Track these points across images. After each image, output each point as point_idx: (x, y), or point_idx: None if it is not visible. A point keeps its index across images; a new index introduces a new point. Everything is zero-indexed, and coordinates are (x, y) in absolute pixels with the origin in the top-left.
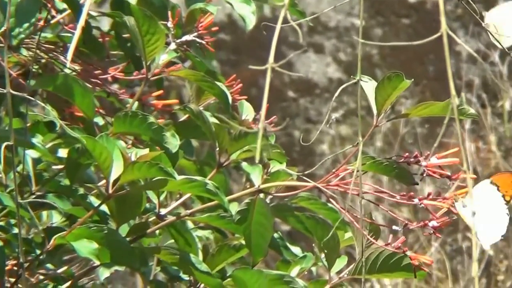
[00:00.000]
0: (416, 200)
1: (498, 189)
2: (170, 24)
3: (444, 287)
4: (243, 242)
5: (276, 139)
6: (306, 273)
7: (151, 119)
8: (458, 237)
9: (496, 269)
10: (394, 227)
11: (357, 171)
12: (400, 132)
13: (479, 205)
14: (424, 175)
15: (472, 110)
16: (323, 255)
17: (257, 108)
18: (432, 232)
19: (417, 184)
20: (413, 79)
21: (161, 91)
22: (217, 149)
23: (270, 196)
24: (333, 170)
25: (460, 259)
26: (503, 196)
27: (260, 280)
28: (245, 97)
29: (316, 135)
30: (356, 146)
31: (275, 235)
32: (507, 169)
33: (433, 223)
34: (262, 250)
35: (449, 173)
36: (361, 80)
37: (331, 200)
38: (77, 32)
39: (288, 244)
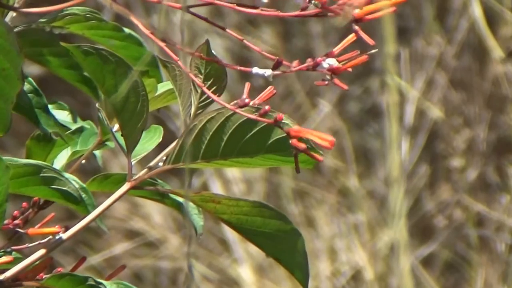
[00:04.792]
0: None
1: None
2: None
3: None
4: None
5: None
6: (83, 161)
7: None
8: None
9: None
10: (255, 71)
11: None
12: None
13: None
14: None
15: None
16: (116, 126)
17: None
18: (329, 78)
19: None
20: None
21: None
22: None
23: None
24: None
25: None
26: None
27: None
28: None
29: None
30: None
31: (27, 86)
32: None
33: (330, 61)
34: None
35: None
36: None
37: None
38: None
39: (46, 103)
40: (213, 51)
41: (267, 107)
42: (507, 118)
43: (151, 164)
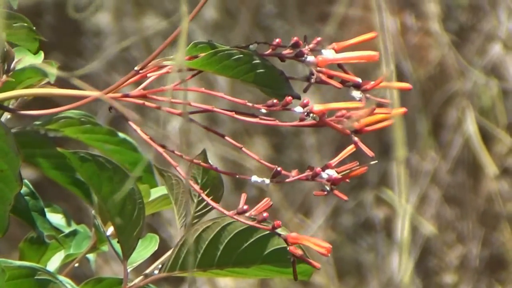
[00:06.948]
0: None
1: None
2: None
3: None
4: None
5: None
6: (76, 265)
7: None
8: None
9: None
10: (254, 179)
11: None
12: None
13: None
14: (312, 80)
15: None
16: (110, 230)
17: None
18: (327, 189)
19: (298, 98)
20: None
21: None
22: None
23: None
24: (138, 68)
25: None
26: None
27: None
28: None
29: None
30: None
31: (23, 189)
32: (460, 65)
33: (329, 171)
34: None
35: (357, 79)
36: None
37: (130, 123)
38: None
39: (43, 206)
40: (210, 161)
41: (265, 214)
42: (500, 235)
43: (147, 271)
